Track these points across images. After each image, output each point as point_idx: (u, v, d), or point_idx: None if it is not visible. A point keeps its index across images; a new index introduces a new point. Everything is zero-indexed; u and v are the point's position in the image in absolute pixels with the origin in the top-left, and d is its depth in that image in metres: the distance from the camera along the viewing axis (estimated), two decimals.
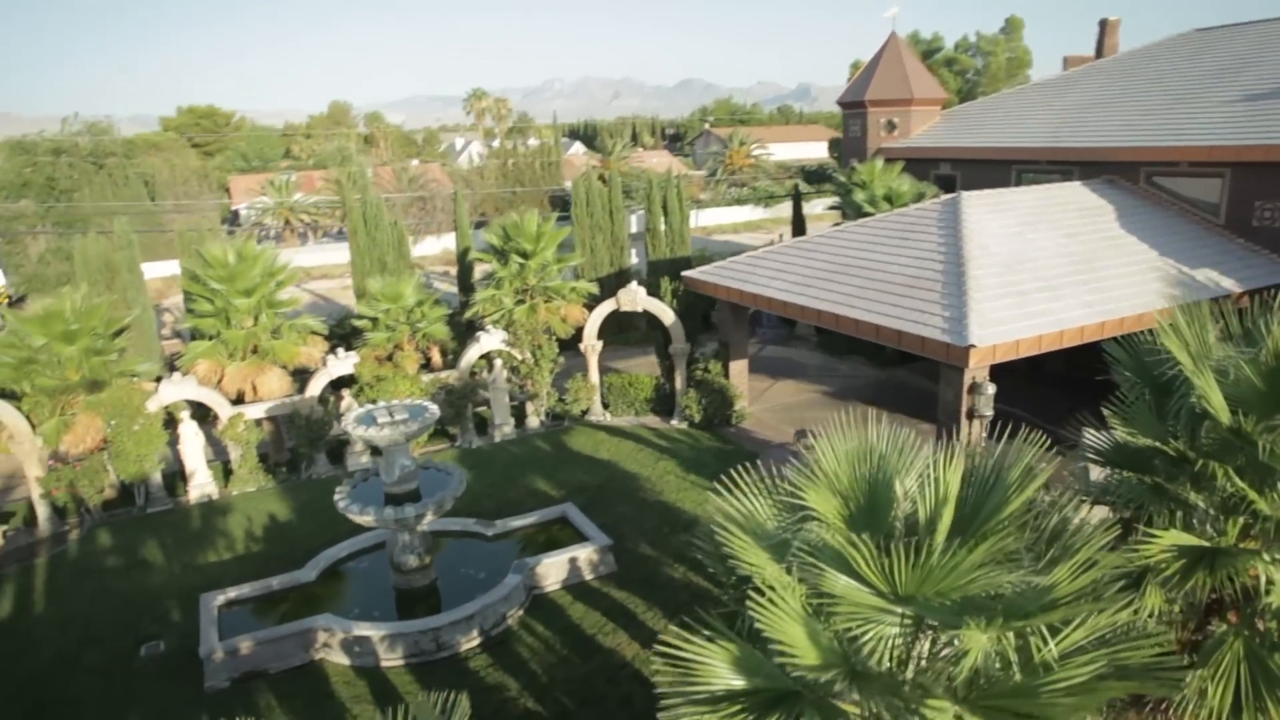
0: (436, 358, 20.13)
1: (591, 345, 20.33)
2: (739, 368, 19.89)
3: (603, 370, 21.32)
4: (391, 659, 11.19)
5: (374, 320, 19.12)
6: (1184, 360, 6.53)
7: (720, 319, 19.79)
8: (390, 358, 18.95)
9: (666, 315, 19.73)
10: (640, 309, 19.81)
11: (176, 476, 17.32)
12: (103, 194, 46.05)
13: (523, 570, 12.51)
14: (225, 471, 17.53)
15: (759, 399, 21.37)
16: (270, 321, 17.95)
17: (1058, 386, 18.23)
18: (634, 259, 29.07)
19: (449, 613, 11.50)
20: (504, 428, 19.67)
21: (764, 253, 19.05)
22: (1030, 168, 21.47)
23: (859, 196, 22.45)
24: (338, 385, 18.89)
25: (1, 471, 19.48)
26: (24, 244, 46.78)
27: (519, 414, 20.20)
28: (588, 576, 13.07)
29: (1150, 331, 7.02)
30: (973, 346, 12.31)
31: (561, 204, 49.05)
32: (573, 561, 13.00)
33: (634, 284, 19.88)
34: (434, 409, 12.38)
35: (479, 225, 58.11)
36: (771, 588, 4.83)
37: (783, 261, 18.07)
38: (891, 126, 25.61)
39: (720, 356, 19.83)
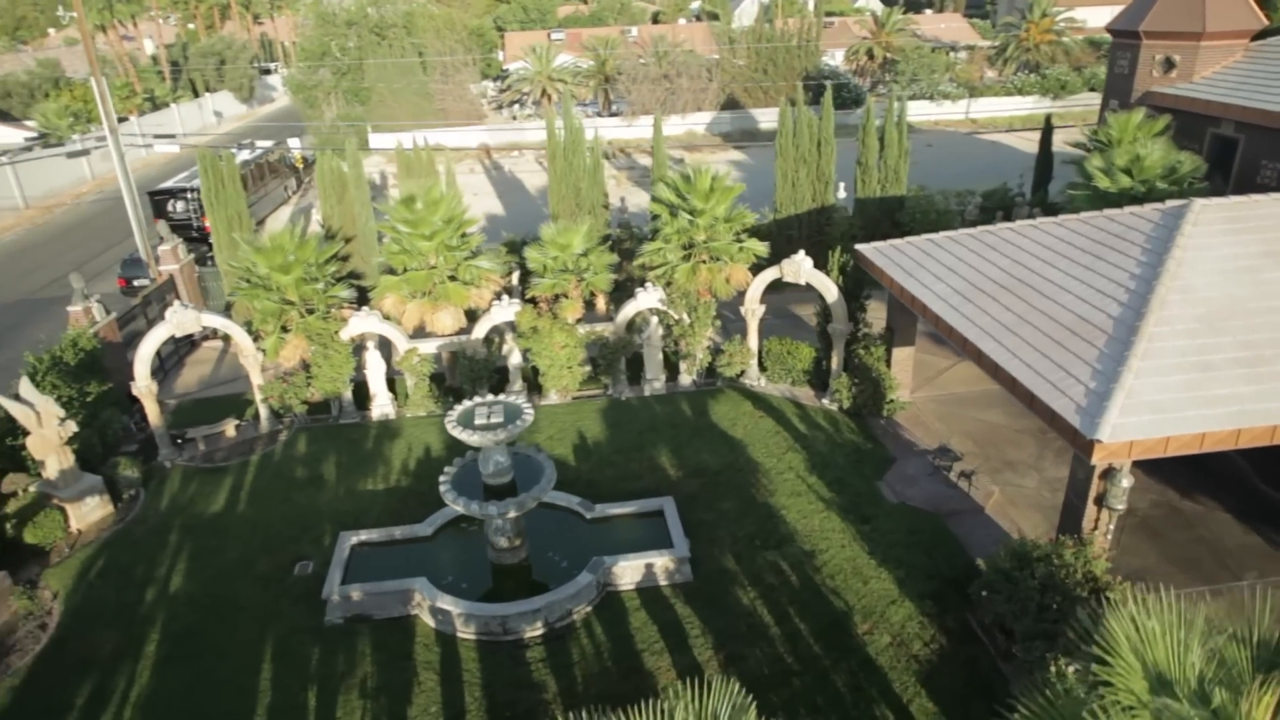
0: (601, 305, 20.78)
1: (752, 310, 19.84)
2: (903, 356, 18.49)
3: (764, 334, 20.80)
4: (465, 632, 12.72)
5: (543, 266, 20.00)
6: None
7: (890, 302, 18.31)
8: (558, 299, 19.88)
9: (829, 291, 18.61)
10: (803, 282, 18.82)
11: (365, 393, 19.95)
12: (383, 67, 50.68)
13: (597, 569, 13.34)
14: (405, 395, 19.89)
15: (931, 382, 19.83)
16: (447, 264, 19.49)
17: None
18: (841, 194, 27.05)
19: (518, 603, 12.71)
20: (654, 383, 20.17)
21: (945, 239, 17.04)
22: None
23: (1094, 164, 18.95)
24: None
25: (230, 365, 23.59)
26: (321, 110, 53.34)
27: (673, 369, 20.51)
28: (661, 582, 13.63)
29: None
30: (1098, 442, 10.54)
31: (814, 92, 45.70)
32: (649, 567, 13.58)
33: (799, 255, 18.80)
34: (528, 416, 13.13)
35: (727, 107, 56.57)
36: None
37: (957, 257, 16.13)
38: (1169, 65, 20.82)
39: (885, 340, 18.49)
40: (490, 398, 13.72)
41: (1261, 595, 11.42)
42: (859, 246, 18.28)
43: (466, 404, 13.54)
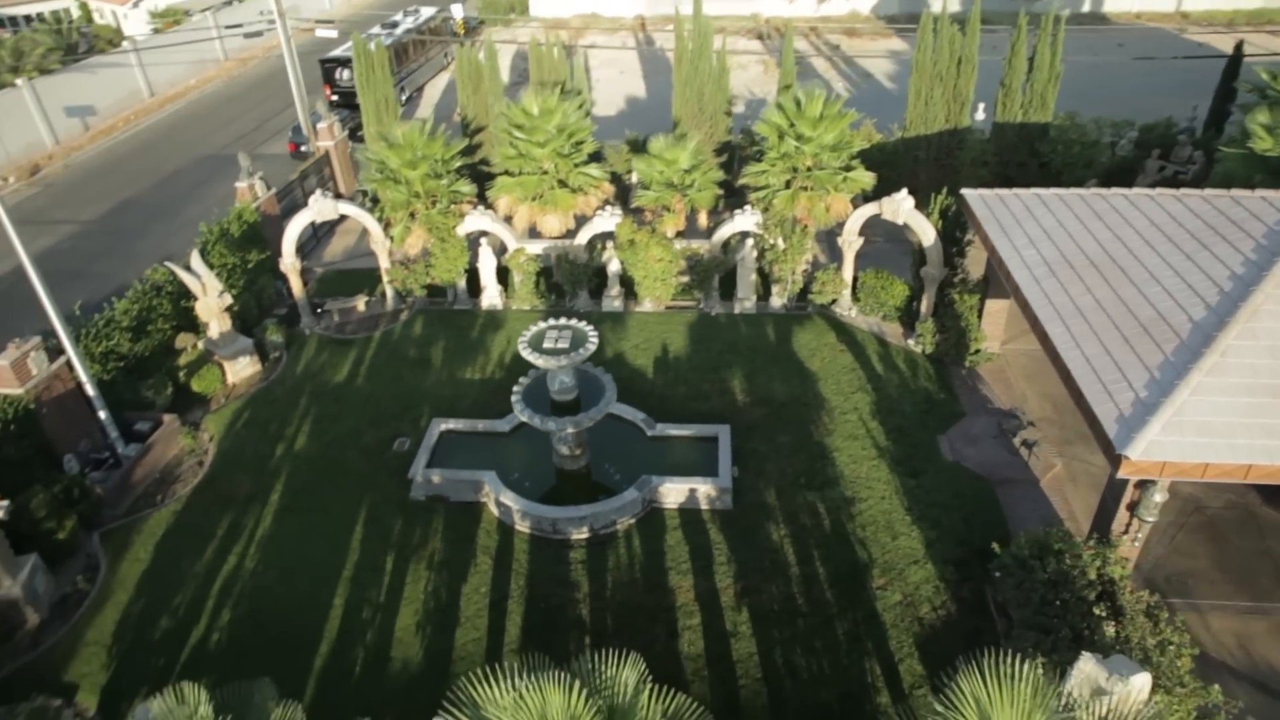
0: (703, 220, 21.16)
1: (849, 241, 19.67)
2: (996, 307, 17.99)
3: (868, 261, 20.61)
4: (521, 526, 14.58)
5: (650, 178, 20.47)
6: None
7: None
8: (661, 212, 20.47)
9: (927, 234, 18.14)
10: (901, 221, 18.39)
11: (478, 282, 21.64)
12: None
13: (644, 487, 14.70)
14: (513, 289, 21.44)
15: (1026, 335, 19.06)
16: (558, 170, 20.33)
17: None
18: (980, 115, 25.15)
19: (568, 508, 14.35)
20: (745, 302, 20.67)
21: (1053, 196, 16.11)
22: None
23: (1258, 119, 16.89)
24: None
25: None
26: None
27: (766, 290, 20.86)
28: (702, 507, 14.85)
29: None
30: (1125, 458, 10.47)
31: None
32: (692, 491, 14.79)
33: (901, 194, 18.26)
34: (592, 345, 14.25)
35: None
36: None
37: (1058, 221, 15.32)
38: None
39: (980, 289, 18.02)
40: (562, 321, 14.89)
41: None
42: (964, 191, 17.54)
43: (539, 325, 14.80)
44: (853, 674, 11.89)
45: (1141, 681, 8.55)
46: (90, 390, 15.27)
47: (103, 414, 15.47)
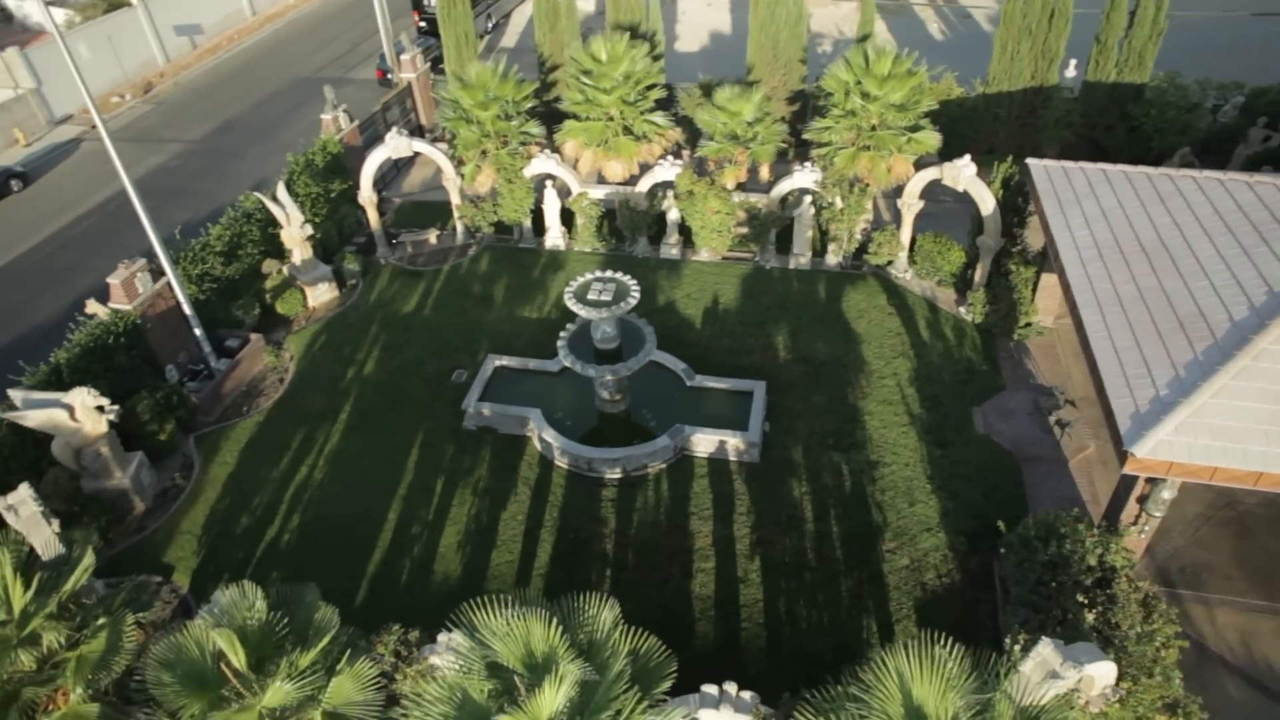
0: (765, 173, 21.30)
1: (909, 204, 19.58)
2: (1051, 282, 17.74)
3: (932, 224, 20.49)
4: (560, 462, 15.72)
5: (714, 129, 20.65)
6: None
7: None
8: (722, 164, 20.75)
9: (985, 202, 17.93)
10: (961, 188, 18.19)
11: (543, 222, 22.47)
12: None
13: (677, 435, 15.57)
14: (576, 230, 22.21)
15: None
16: (623, 118, 20.72)
17: None
18: (1070, 72, 24.00)
19: (601, 450, 15.38)
20: (800, 258, 20.92)
21: (1119, 174, 15.71)
22: None
23: None
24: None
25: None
26: None
27: (822, 246, 21.02)
28: (730, 458, 15.66)
29: None
30: (1131, 455, 10.71)
31: None
32: (722, 443, 15.59)
33: (963, 160, 17.99)
34: (633, 299, 14.99)
35: None
36: None
37: (1119, 201, 15.01)
38: None
39: (1036, 262, 17.84)
40: (607, 274, 15.63)
41: None
42: (1029, 161, 17.18)
43: (585, 277, 15.59)
44: (849, 629, 12.72)
45: (1103, 670, 9.13)
46: (187, 309, 16.95)
47: (198, 330, 17.19)
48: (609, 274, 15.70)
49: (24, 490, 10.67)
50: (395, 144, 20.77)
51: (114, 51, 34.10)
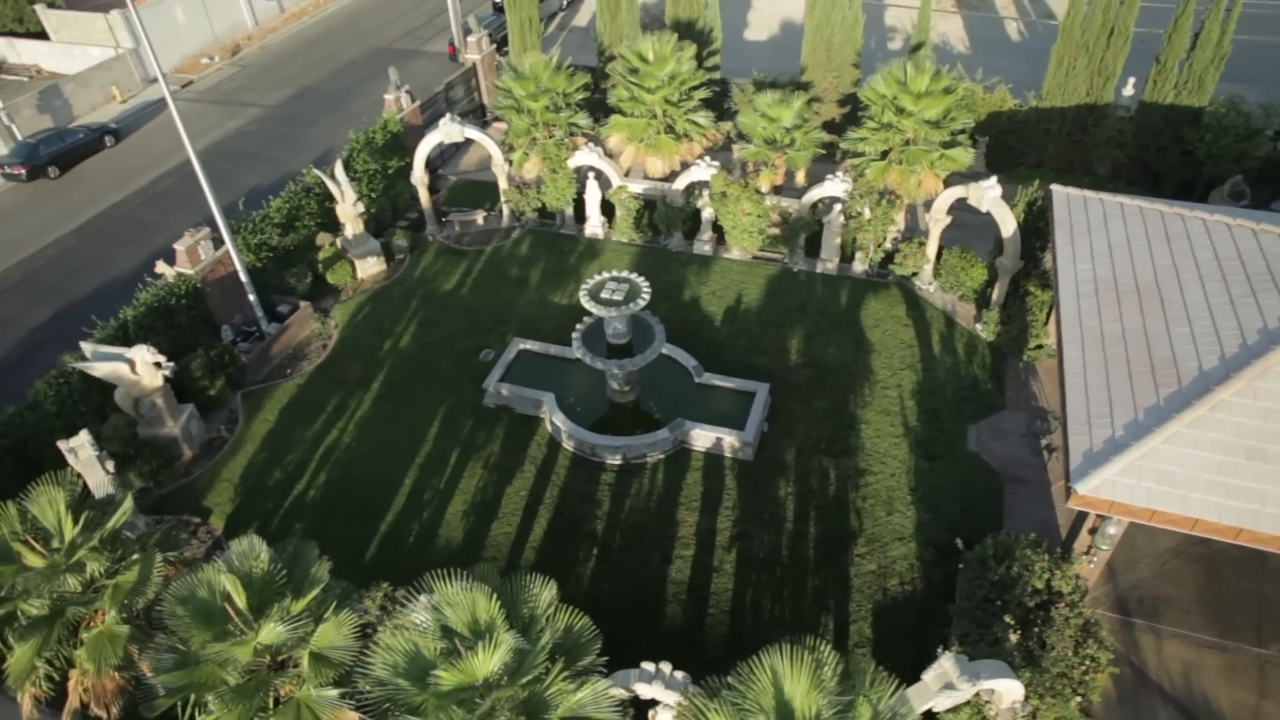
0: (801, 178, 21.81)
1: (936, 219, 19.87)
2: None
3: (957, 239, 20.75)
4: (567, 445, 16.88)
5: (754, 132, 21.23)
6: None
7: None
8: (758, 169, 21.38)
9: (1007, 224, 18.15)
10: (984, 209, 18.42)
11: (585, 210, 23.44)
12: None
13: (677, 429, 16.53)
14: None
15: None
16: (666, 117, 21.46)
17: None
18: (1128, 91, 23.52)
19: (604, 437, 16.46)
20: (827, 263, 21.44)
21: (1136, 209, 15.79)
22: None
23: None
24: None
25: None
26: None
27: (850, 253, 21.47)
28: (726, 454, 16.56)
29: None
30: (1074, 491, 11.23)
31: None
32: (719, 440, 16.49)
33: (989, 181, 18.17)
34: (643, 300, 15.88)
35: None
36: None
37: (1128, 236, 15.15)
38: None
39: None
40: (621, 274, 16.55)
41: (1257, 664, 11.96)
42: (1054, 187, 17.32)
43: (601, 275, 16.54)
44: (807, 624, 13.60)
45: (1008, 686, 9.88)
46: (243, 275, 18.62)
47: (251, 296, 18.86)
48: (624, 274, 16.62)
49: (84, 436, 12.36)
50: (447, 130, 22.00)
51: (206, 14, 36.25)
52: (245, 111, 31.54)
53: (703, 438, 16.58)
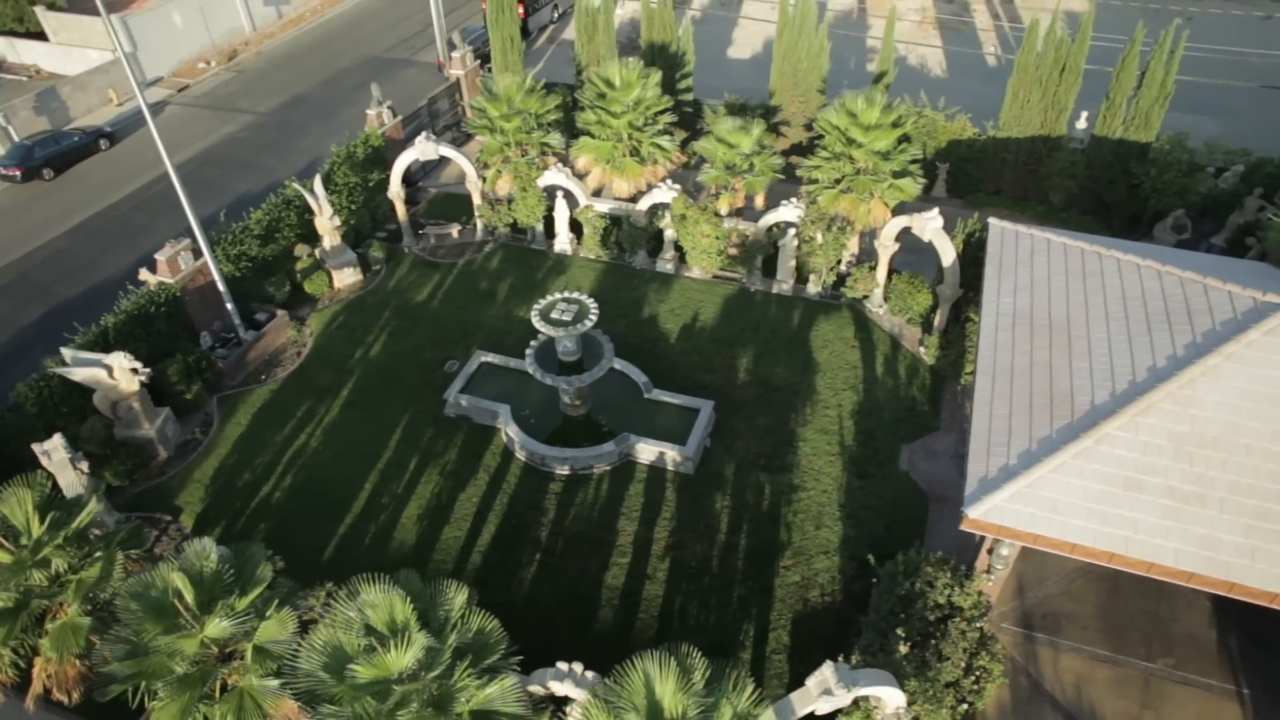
0: (760, 202, 22.74)
1: (884, 245, 20.77)
2: None
3: (900, 266, 21.65)
4: (520, 455, 17.85)
5: (715, 156, 22.17)
6: None
7: None
8: (719, 193, 22.32)
9: (946, 254, 19.09)
10: (926, 239, 19.33)
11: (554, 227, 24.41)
12: None
13: (622, 443, 17.49)
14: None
15: None
16: (630, 140, 22.41)
17: None
18: (1081, 124, 24.39)
19: (553, 449, 17.42)
20: (782, 285, 22.39)
21: (1063, 245, 16.63)
22: None
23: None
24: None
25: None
26: None
27: (805, 275, 22.40)
28: (668, 467, 17.51)
29: None
30: (965, 514, 12.18)
31: None
32: (662, 454, 17.45)
33: (931, 213, 19.10)
34: (590, 321, 16.83)
35: None
36: None
37: (1050, 272, 16.07)
38: None
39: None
40: (571, 294, 17.50)
41: (1143, 677, 12.88)
42: (992, 220, 18.20)
43: (551, 297, 17.49)
44: (729, 631, 14.55)
45: (889, 694, 10.83)
46: (221, 285, 19.60)
47: (229, 305, 19.84)
48: (574, 294, 17.58)
49: (57, 439, 13.35)
50: (423, 148, 22.95)
51: (204, 19, 37.23)
52: (239, 118, 32.52)
53: (647, 451, 17.54)
